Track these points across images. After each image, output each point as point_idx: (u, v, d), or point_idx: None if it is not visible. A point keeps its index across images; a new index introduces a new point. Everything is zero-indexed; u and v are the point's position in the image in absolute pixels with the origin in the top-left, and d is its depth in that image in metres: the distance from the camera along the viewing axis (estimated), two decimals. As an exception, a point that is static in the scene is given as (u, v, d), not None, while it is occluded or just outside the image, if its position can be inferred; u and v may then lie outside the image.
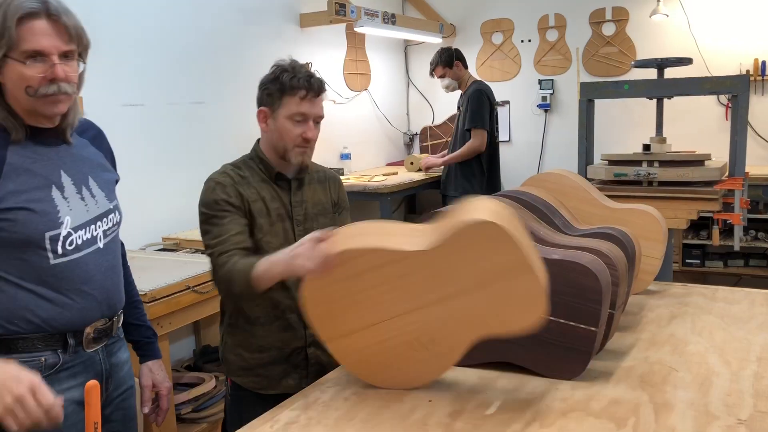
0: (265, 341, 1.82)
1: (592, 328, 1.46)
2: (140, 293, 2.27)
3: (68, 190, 1.48)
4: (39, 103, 1.40)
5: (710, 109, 4.93)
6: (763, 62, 4.71)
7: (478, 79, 4.77)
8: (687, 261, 4.80)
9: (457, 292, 1.36)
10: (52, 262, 1.44)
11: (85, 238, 1.50)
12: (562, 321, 1.49)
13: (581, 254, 1.53)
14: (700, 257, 4.78)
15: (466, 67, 4.68)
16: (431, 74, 4.72)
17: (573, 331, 1.48)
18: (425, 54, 5.82)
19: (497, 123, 4.70)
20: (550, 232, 1.74)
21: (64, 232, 1.45)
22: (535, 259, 1.33)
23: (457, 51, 4.66)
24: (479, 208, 1.34)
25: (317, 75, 1.81)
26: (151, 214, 3.24)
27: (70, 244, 1.46)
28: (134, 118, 3.21)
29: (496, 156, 4.66)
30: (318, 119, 1.80)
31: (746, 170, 2.99)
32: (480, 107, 4.45)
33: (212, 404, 2.76)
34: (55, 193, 1.46)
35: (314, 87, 1.76)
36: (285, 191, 1.84)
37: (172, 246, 3.12)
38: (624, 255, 1.67)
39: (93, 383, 0.97)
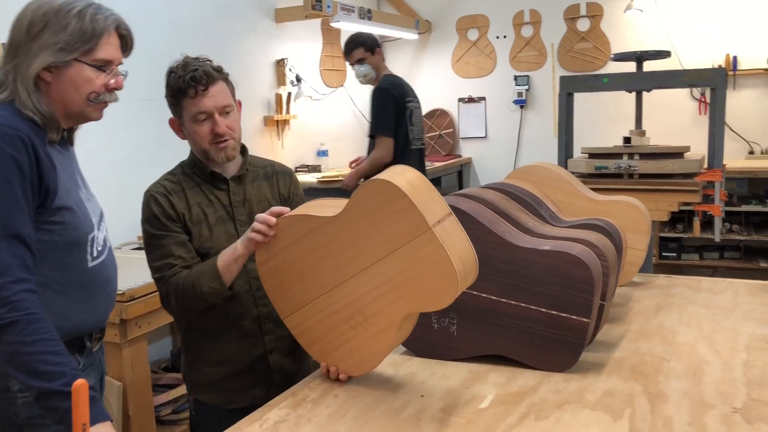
0: (224, 354, 1.73)
1: (584, 319, 1.45)
2: (118, 292, 2.23)
3: (83, 192, 1.48)
4: (93, 108, 1.42)
5: (683, 103, 4.98)
6: (735, 57, 4.77)
7: (392, 73, 3.98)
8: (663, 254, 4.85)
9: (372, 261, 1.33)
10: (89, 264, 1.44)
11: (102, 239, 1.50)
12: (553, 312, 1.47)
13: (572, 245, 1.51)
14: (676, 250, 4.84)
15: (383, 59, 4.03)
16: (346, 57, 3.89)
17: (565, 323, 1.46)
18: (401, 51, 5.82)
19: (414, 124, 3.84)
20: (538, 224, 1.72)
21: (95, 233, 1.46)
22: (446, 229, 1.26)
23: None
24: (388, 172, 1.31)
25: (206, 65, 1.66)
26: (124, 213, 3.17)
27: (98, 245, 1.47)
28: (107, 114, 3.13)
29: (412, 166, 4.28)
30: (224, 109, 1.66)
31: (723, 162, 3.01)
32: (382, 109, 3.66)
33: (192, 405, 2.70)
34: (81, 193, 1.46)
35: (201, 80, 1.62)
36: (223, 192, 1.74)
37: (148, 245, 3.05)
38: (612, 245, 1.66)
39: (80, 383, 0.93)
